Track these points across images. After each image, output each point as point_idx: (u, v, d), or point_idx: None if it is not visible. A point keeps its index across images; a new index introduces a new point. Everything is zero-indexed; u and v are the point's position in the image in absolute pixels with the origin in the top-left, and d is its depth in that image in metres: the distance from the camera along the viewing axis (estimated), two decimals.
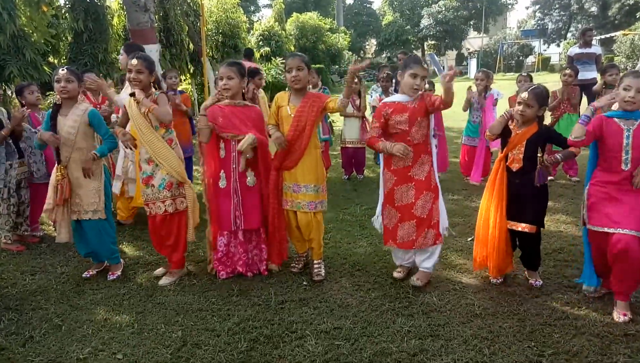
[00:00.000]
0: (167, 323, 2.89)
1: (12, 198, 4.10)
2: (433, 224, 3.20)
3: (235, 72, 3.24)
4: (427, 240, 3.19)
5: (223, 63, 3.34)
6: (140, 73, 3.25)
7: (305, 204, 3.32)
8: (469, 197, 5.50)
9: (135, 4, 7.59)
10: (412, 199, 3.18)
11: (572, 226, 4.43)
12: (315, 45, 26.35)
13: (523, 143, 3.02)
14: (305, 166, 3.31)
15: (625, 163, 2.71)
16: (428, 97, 3.11)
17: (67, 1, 10.20)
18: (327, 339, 2.67)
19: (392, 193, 3.23)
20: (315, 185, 3.32)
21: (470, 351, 2.53)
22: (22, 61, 8.30)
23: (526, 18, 49.14)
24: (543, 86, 3.05)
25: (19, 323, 2.94)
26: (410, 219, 3.20)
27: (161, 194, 3.33)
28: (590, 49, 7.98)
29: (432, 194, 3.20)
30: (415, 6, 43.52)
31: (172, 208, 3.35)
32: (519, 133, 3.04)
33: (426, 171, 3.18)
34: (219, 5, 14.76)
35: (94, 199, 3.35)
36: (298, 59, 3.26)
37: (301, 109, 3.25)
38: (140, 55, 3.31)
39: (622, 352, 2.48)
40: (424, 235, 3.19)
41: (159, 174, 3.32)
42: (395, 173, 3.20)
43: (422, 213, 3.17)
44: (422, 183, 3.17)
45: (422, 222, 3.19)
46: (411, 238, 3.21)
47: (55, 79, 3.29)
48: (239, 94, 3.32)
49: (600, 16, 36.27)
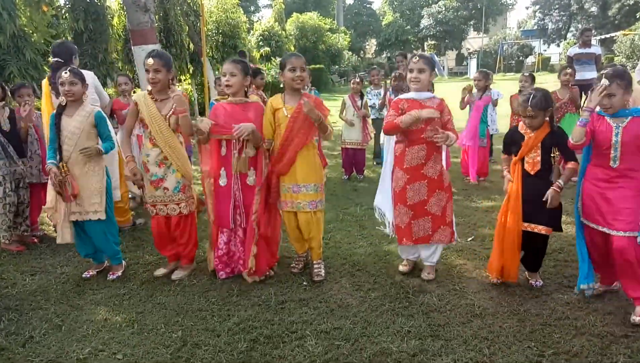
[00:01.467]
0: (167, 323, 2.89)
1: (7, 197, 4.09)
2: (448, 222, 3.29)
3: (239, 69, 3.20)
4: (444, 237, 3.29)
5: (227, 60, 3.32)
6: (158, 72, 3.22)
7: (306, 204, 3.30)
8: (469, 197, 5.51)
9: (135, 4, 7.60)
10: (425, 196, 3.22)
11: (572, 226, 4.41)
12: (315, 45, 26.37)
13: (538, 146, 3.02)
14: (305, 166, 3.29)
15: (614, 160, 2.73)
16: (445, 109, 3.20)
17: (67, 1, 10.21)
18: (327, 339, 2.67)
19: (404, 191, 3.24)
20: (315, 184, 3.32)
21: (470, 351, 2.53)
22: (22, 61, 8.30)
23: (526, 18, 49.19)
24: (542, 90, 3.03)
25: (19, 323, 2.94)
26: (425, 216, 3.25)
27: (176, 197, 3.36)
28: (590, 49, 7.99)
29: (445, 193, 3.27)
30: (415, 6, 43.51)
31: (187, 210, 3.41)
32: (532, 136, 3.03)
33: (438, 171, 3.23)
34: (219, 5, 14.78)
35: (96, 199, 3.35)
36: (302, 59, 3.25)
37: (298, 110, 3.19)
38: (156, 53, 3.26)
39: (622, 352, 2.48)
40: (440, 231, 3.28)
41: (173, 177, 3.33)
42: (407, 171, 3.22)
43: (436, 211, 3.24)
44: (435, 181, 3.22)
45: (437, 219, 3.26)
46: (427, 233, 3.27)
47: (60, 82, 3.26)
48: (240, 91, 3.28)
49: (600, 16, 36.26)
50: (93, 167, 3.36)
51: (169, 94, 3.29)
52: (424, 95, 3.20)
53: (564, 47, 32.47)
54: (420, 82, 3.15)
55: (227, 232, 3.40)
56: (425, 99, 3.18)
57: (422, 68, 3.11)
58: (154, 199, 3.37)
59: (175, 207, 3.38)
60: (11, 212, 4.14)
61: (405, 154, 3.21)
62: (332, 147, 8.64)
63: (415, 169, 3.20)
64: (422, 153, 3.18)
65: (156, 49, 3.36)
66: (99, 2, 10.25)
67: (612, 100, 2.67)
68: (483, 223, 4.54)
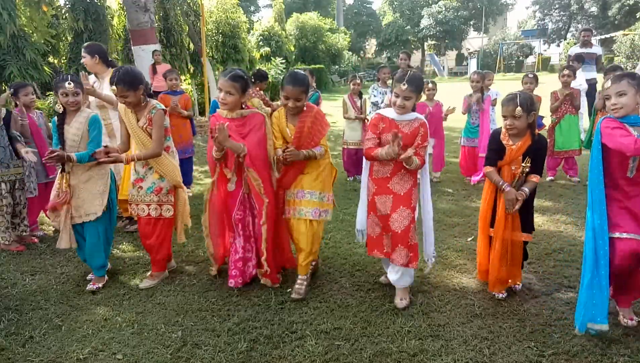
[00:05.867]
0: (167, 323, 2.89)
1: (4, 198, 4.09)
2: (410, 245, 3.00)
3: (237, 88, 3.05)
4: (400, 258, 2.98)
5: (225, 72, 3.13)
6: (125, 97, 3.14)
7: (309, 211, 3.14)
8: (469, 197, 5.51)
9: (135, 4, 7.60)
10: (389, 211, 3.03)
11: (572, 226, 4.43)
12: (315, 45, 26.38)
13: (520, 158, 2.89)
14: (312, 174, 3.18)
15: (631, 170, 2.56)
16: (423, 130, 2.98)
17: (67, 1, 10.20)
18: (327, 339, 2.67)
19: (373, 201, 3.10)
20: (320, 192, 3.17)
21: (470, 351, 2.53)
22: (22, 61, 8.31)
23: (526, 18, 49.16)
24: (522, 93, 2.88)
25: (19, 323, 2.94)
26: (387, 232, 3.07)
27: (147, 198, 3.32)
28: (591, 49, 7.99)
29: (409, 212, 3.01)
30: (415, 6, 43.53)
31: (155, 213, 3.34)
32: (514, 148, 2.89)
33: (406, 188, 3.02)
34: (219, 5, 14.78)
35: (97, 202, 3.34)
36: (298, 90, 3.01)
37: (299, 130, 3.08)
38: (117, 79, 3.09)
39: (622, 352, 2.48)
40: (398, 250, 2.99)
41: (150, 177, 3.32)
42: (375, 182, 3.09)
43: (397, 227, 2.99)
44: (401, 197, 3.01)
45: (396, 237, 3.00)
46: (388, 249, 3.08)
47: (61, 92, 3.24)
48: (237, 107, 3.15)
49: (600, 16, 36.30)
50: (97, 171, 3.35)
51: (144, 105, 3.25)
52: (404, 117, 2.99)
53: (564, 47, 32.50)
54: (405, 109, 2.95)
55: (243, 237, 3.28)
56: (404, 121, 2.99)
57: (410, 96, 2.90)
58: (130, 197, 3.39)
59: (144, 208, 3.33)
60: (8, 213, 4.14)
61: (373, 165, 3.10)
62: (332, 147, 8.64)
63: (382, 181, 3.05)
64: (388, 168, 3.02)
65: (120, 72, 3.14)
66: (99, 2, 10.25)
67: (623, 99, 2.48)
68: None
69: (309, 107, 3.17)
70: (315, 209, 3.16)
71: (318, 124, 3.15)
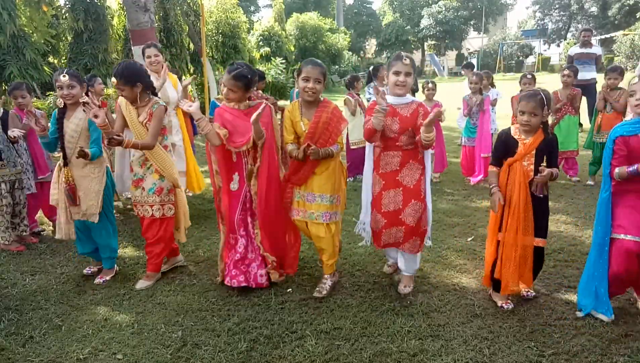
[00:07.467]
0: (167, 323, 2.89)
1: (3, 198, 4.09)
2: (421, 232, 3.09)
3: (240, 87, 3.07)
4: (413, 247, 3.10)
5: (230, 67, 3.11)
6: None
7: (320, 215, 3.12)
8: (469, 197, 5.51)
9: (135, 4, 7.59)
10: (400, 205, 3.04)
11: (572, 226, 4.43)
12: (315, 45, 26.37)
13: (532, 153, 2.82)
14: (324, 175, 3.12)
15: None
16: (422, 109, 2.98)
17: (67, 1, 10.22)
18: (327, 339, 2.67)
19: (380, 197, 3.09)
20: (331, 195, 3.12)
21: (470, 351, 2.53)
22: (22, 61, 8.32)
23: (526, 18, 49.10)
24: (543, 91, 2.89)
25: (19, 323, 2.94)
26: (398, 226, 3.07)
27: (150, 199, 3.33)
28: (591, 49, 7.98)
29: (421, 204, 3.05)
30: (415, 6, 43.51)
31: (159, 213, 3.36)
32: (526, 143, 2.83)
33: (415, 179, 3.04)
34: (219, 5, 14.80)
35: (93, 201, 3.35)
36: (319, 69, 3.00)
37: (314, 125, 3.03)
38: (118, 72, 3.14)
39: (622, 352, 2.48)
40: (412, 241, 3.08)
41: (150, 178, 3.33)
42: (383, 177, 3.08)
43: (411, 221, 3.03)
44: (411, 190, 3.03)
45: (411, 230, 3.06)
46: (398, 241, 3.11)
47: (57, 85, 3.25)
48: (243, 100, 3.16)
49: (600, 16, 36.29)
50: (93, 169, 3.36)
51: (146, 101, 3.27)
52: (402, 100, 3.01)
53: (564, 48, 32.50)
54: (406, 87, 2.96)
55: (245, 237, 3.28)
56: (402, 104, 3.00)
57: (410, 72, 2.92)
58: (134, 198, 3.40)
59: (148, 209, 3.34)
60: (8, 213, 4.15)
61: (380, 159, 3.09)
62: None
63: (390, 175, 3.05)
64: (397, 159, 3.03)
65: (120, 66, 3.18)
66: (99, 2, 10.27)
67: None
68: (483, 223, 4.54)
69: (326, 102, 3.13)
70: (325, 212, 3.12)
71: (335, 120, 3.07)
